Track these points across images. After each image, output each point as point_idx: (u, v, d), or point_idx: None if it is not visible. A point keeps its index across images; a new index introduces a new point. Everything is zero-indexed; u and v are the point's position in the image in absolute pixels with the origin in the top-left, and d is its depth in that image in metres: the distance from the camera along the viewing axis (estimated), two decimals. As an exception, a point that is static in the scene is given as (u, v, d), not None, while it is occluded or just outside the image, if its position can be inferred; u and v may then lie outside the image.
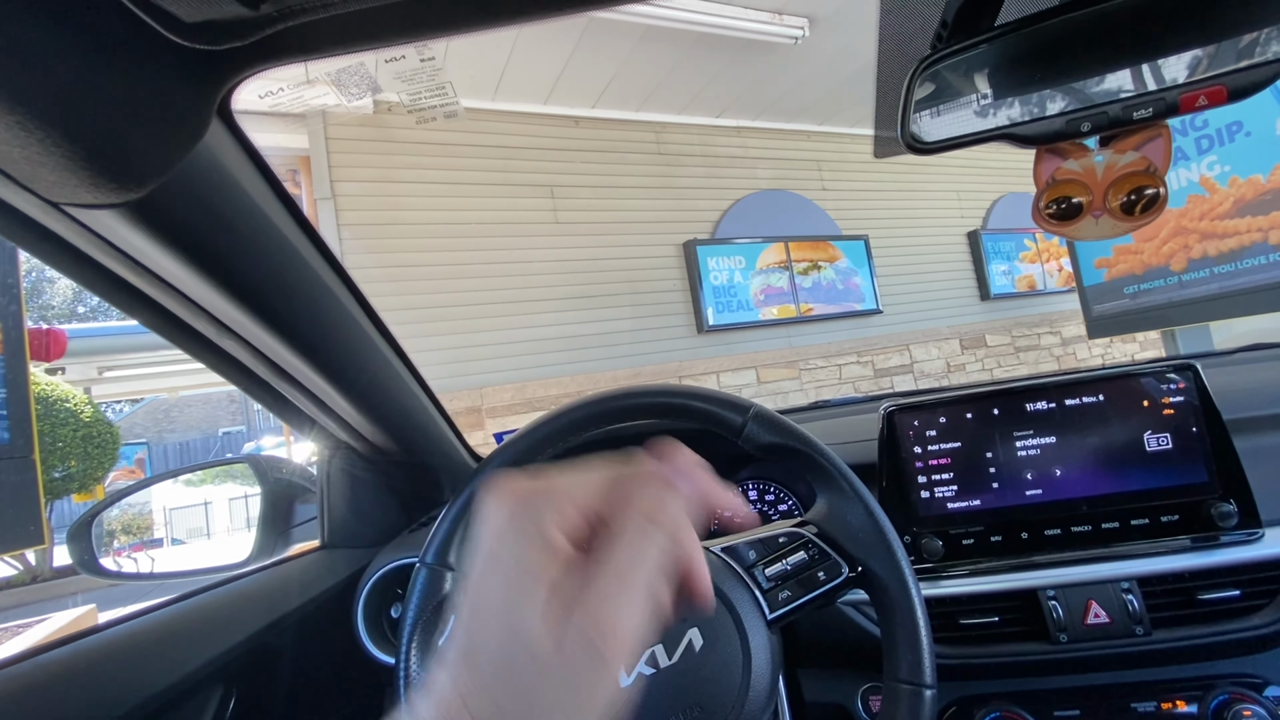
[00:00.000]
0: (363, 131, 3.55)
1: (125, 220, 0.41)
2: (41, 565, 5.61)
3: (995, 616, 0.72)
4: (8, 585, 5.55)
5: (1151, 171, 0.52)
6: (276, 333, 0.57)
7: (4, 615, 4.50)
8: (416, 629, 0.57)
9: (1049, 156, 0.55)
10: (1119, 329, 2.90)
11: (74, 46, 0.32)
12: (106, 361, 7.01)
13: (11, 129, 0.33)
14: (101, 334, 6.85)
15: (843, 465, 0.57)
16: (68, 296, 17.01)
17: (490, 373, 3.71)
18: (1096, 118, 0.50)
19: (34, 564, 5.59)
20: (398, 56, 1.67)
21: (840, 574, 0.54)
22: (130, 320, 0.54)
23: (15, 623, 3.42)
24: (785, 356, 4.61)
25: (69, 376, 6.48)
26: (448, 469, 0.96)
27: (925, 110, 0.54)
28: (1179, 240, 2.59)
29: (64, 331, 5.31)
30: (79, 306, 17.14)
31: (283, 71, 2.39)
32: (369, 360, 0.71)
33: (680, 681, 0.51)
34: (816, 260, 4.80)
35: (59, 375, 6.07)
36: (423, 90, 1.82)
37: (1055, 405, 0.74)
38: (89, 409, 5.63)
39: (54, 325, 5.30)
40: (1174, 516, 0.71)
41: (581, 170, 4.19)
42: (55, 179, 0.37)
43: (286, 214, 0.54)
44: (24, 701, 0.50)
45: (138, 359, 7.04)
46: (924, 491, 0.76)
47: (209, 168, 0.44)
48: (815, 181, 5.07)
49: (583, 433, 0.64)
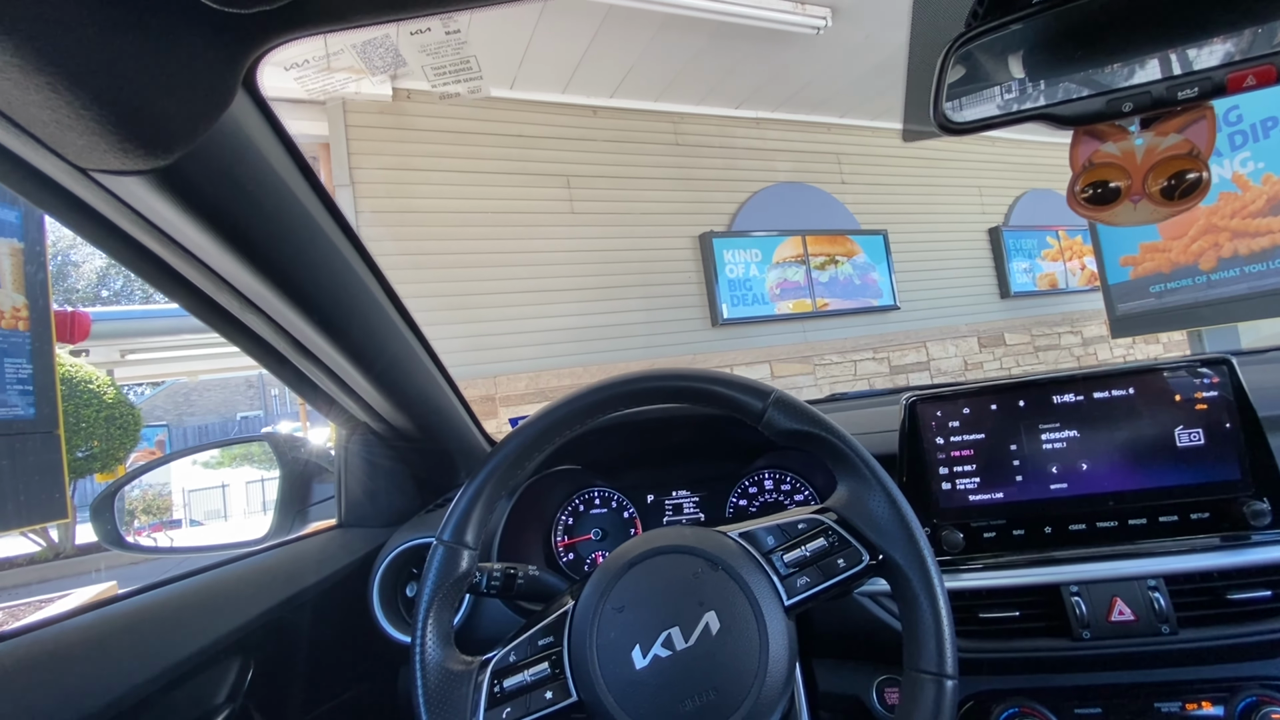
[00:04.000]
0: (381, 119, 3.56)
1: (152, 188, 0.40)
2: (64, 542, 5.73)
3: (1016, 611, 0.71)
4: (31, 561, 5.69)
5: (1195, 155, 0.50)
6: (298, 307, 0.57)
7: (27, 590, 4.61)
8: (432, 606, 0.57)
9: (1086, 139, 0.53)
10: (1144, 329, 2.84)
11: (105, 6, 0.32)
12: (128, 345, 7.12)
13: (41, 90, 0.33)
14: (124, 317, 6.97)
15: (865, 452, 0.56)
16: (91, 280, 17.31)
17: (505, 361, 3.72)
18: (1139, 98, 0.48)
19: (56, 540, 5.72)
20: (423, 29, 1.66)
21: (861, 561, 0.54)
22: (152, 305, 0.55)
23: (38, 598, 3.50)
24: (800, 351, 4.58)
25: (92, 359, 6.59)
26: (463, 452, 0.96)
27: (959, 90, 0.53)
28: (1209, 238, 2.53)
29: (88, 314, 5.40)
30: (102, 290, 17.44)
31: (307, 46, 2.40)
32: (389, 340, 0.71)
33: (696, 664, 0.51)
34: (834, 254, 4.75)
35: (83, 357, 6.18)
36: (447, 64, 1.81)
37: (1083, 398, 0.73)
38: (111, 391, 5.74)
39: (78, 308, 5.38)
40: (1204, 514, 0.69)
41: (598, 160, 4.17)
42: (84, 143, 0.36)
43: (310, 189, 0.53)
44: (51, 664, 0.50)
45: (159, 342, 7.14)
46: (945, 483, 0.75)
47: (235, 138, 0.44)
48: (834, 175, 5.01)
49: (601, 416, 0.63)
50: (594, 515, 1.00)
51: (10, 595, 4.26)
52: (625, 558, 0.56)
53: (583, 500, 1.01)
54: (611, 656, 0.52)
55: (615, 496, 1.00)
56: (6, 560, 5.74)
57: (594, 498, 1.01)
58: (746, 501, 0.96)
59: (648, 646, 0.52)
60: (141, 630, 0.58)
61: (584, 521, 1.00)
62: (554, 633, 0.55)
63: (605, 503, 1.01)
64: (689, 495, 0.99)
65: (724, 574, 0.54)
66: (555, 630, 0.55)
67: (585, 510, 1.01)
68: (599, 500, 1.01)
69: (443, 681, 0.54)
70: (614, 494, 1.00)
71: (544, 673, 0.53)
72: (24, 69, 0.32)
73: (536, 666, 0.54)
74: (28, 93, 0.33)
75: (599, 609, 0.54)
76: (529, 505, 0.96)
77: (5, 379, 2.89)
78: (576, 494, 1.01)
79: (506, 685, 0.53)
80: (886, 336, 4.94)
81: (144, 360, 8.22)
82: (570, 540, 1.00)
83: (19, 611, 3.39)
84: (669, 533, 0.58)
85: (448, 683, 0.54)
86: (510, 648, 0.56)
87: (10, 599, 3.87)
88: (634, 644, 0.52)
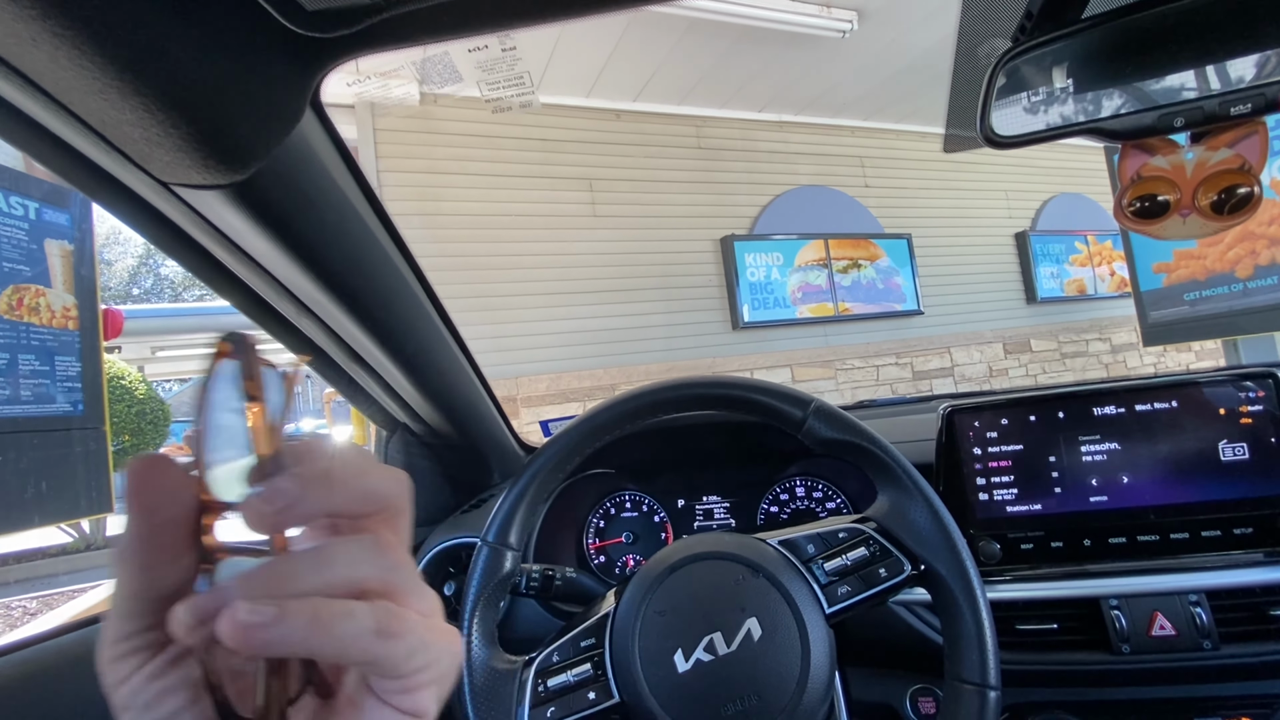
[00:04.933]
0: (409, 123, 3.62)
1: (227, 202, 0.42)
2: (95, 534, 5.87)
3: (1054, 623, 0.71)
4: (63, 551, 5.83)
5: (1245, 169, 0.50)
6: (352, 314, 0.58)
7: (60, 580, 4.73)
8: (478, 606, 0.58)
9: (1135, 152, 0.53)
10: (1177, 337, 2.79)
11: (197, 30, 0.34)
12: (159, 341, 7.30)
13: (136, 110, 0.35)
14: (155, 315, 7.14)
15: (907, 463, 0.57)
16: (123, 279, 17.74)
17: (526, 363, 3.76)
18: (1190, 113, 0.48)
19: (88, 532, 5.86)
20: (481, 46, 1.70)
21: (902, 571, 0.54)
22: (181, 303, 0.57)
23: (71, 588, 3.60)
24: (821, 356, 4.55)
25: (124, 355, 6.75)
26: (497, 454, 0.98)
27: (1006, 104, 0.53)
28: (1245, 245, 2.48)
29: (120, 311, 5.54)
30: (134, 289, 17.86)
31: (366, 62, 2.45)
32: (434, 345, 0.73)
33: (739, 669, 0.51)
34: (857, 258, 4.72)
35: (115, 354, 6.34)
36: (501, 80, 1.85)
37: (1124, 410, 0.72)
38: (143, 386, 5.88)
39: (110, 305, 5.53)
40: (1248, 529, 0.68)
41: (621, 164, 4.19)
42: (170, 160, 0.38)
43: (367, 202, 0.55)
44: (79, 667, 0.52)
45: (188, 339, 7.31)
46: (982, 494, 0.75)
47: (301, 152, 0.46)
48: (858, 178, 4.98)
49: (640, 422, 0.65)
50: (625, 519, 1.01)
51: (44, 585, 4.38)
52: (666, 562, 0.57)
53: (614, 504, 1.02)
54: (654, 659, 0.53)
55: (646, 501, 1.01)
56: (39, 550, 5.90)
57: (625, 501, 1.02)
58: (778, 508, 0.96)
59: (690, 650, 0.52)
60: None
61: (615, 525, 1.01)
62: (596, 634, 0.56)
63: (636, 507, 1.02)
64: (720, 501, 0.99)
65: (765, 581, 0.54)
66: (597, 632, 0.56)
67: (616, 514, 1.02)
68: (630, 504, 1.02)
69: (489, 680, 0.55)
70: (645, 498, 1.01)
71: (586, 674, 0.54)
72: (122, 90, 0.33)
73: (579, 667, 0.55)
74: (123, 112, 0.35)
75: (641, 612, 0.55)
76: (562, 508, 0.98)
77: (56, 377, 3.00)
78: (608, 497, 1.02)
79: (550, 685, 0.55)
80: (910, 341, 4.90)
81: (173, 356, 8.41)
82: (602, 543, 1.01)
83: (52, 600, 3.49)
84: (708, 539, 0.59)
85: (493, 681, 0.55)
86: (553, 648, 0.57)
87: (44, 588, 3.99)
88: (676, 647, 0.53)
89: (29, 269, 3.00)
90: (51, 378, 2.99)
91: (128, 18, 0.31)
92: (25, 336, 2.92)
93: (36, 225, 3.05)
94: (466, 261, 3.68)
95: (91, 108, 0.35)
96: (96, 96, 0.34)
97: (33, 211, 3.03)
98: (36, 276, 3.02)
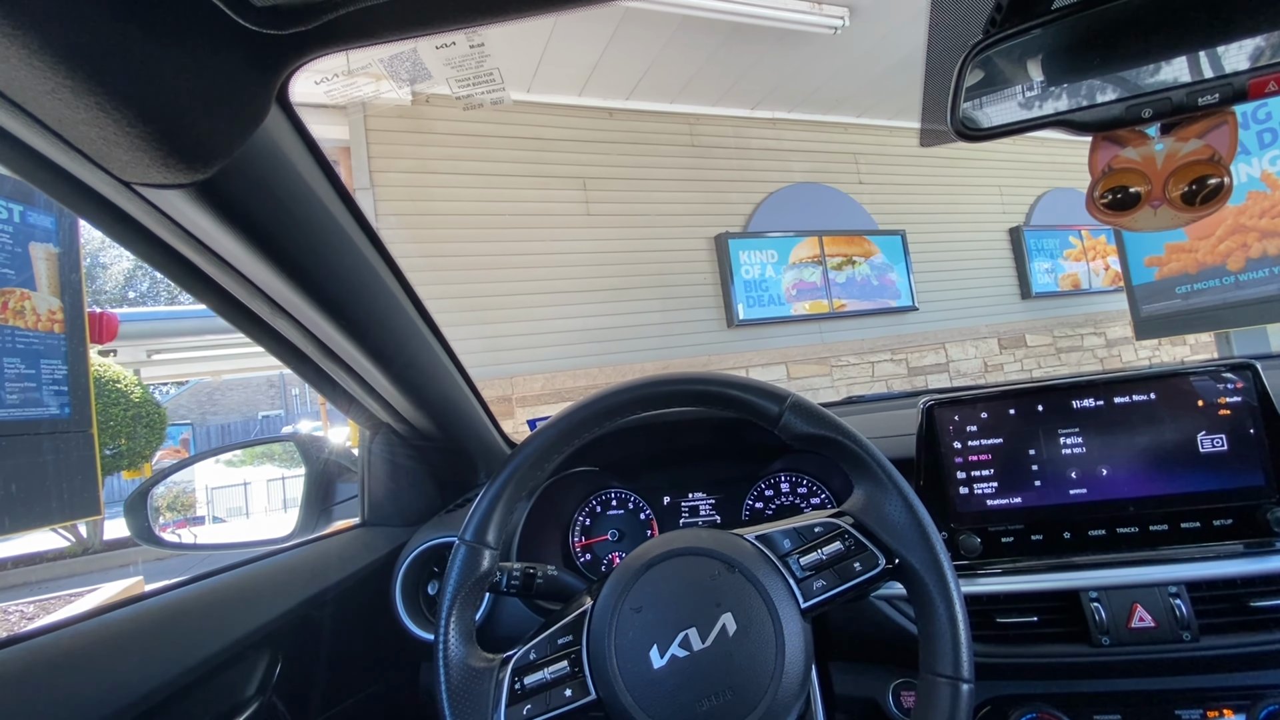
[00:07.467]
0: (401, 123, 3.61)
1: (191, 200, 0.42)
2: (92, 538, 5.87)
3: (1034, 616, 0.71)
4: (59, 556, 5.82)
5: (1216, 160, 0.50)
6: (326, 313, 0.58)
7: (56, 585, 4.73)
8: (455, 604, 0.58)
9: (1105, 144, 0.53)
10: (1169, 330, 2.79)
11: (149, 29, 0.34)
12: (155, 345, 7.28)
13: (90, 109, 0.35)
14: (150, 318, 7.12)
15: (881, 456, 0.57)
16: (119, 282, 17.69)
17: (521, 362, 3.75)
18: (1159, 104, 0.48)
19: (85, 536, 5.85)
20: (448, 43, 1.70)
21: (877, 565, 0.54)
22: (177, 306, 0.57)
23: (67, 592, 3.59)
24: (817, 352, 4.56)
25: (119, 359, 6.74)
26: (483, 453, 0.98)
27: (977, 96, 0.53)
28: (1237, 238, 2.49)
29: (115, 315, 5.53)
30: (129, 292, 17.82)
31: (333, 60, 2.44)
32: (412, 343, 0.72)
33: (714, 665, 0.51)
34: (851, 255, 4.73)
35: (110, 357, 6.32)
36: (470, 77, 1.84)
37: (1103, 403, 0.72)
38: (138, 390, 5.87)
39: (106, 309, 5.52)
40: (1227, 520, 0.68)
41: (614, 162, 4.19)
42: (129, 159, 0.38)
43: (339, 199, 0.55)
44: (90, 658, 0.52)
45: (184, 343, 7.30)
46: (962, 488, 0.75)
47: (268, 150, 0.46)
48: (852, 175, 4.98)
49: (621, 419, 0.64)
50: (611, 516, 1.01)
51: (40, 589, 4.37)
52: (643, 559, 0.57)
53: (600, 501, 1.02)
54: (630, 656, 0.53)
55: (632, 498, 1.01)
56: (36, 555, 5.89)
57: (611, 499, 1.02)
58: (763, 504, 0.96)
59: (665, 646, 0.52)
60: (176, 625, 0.60)
61: (601, 522, 1.01)
62: (573, 632, 0.56)
63: (622, 504, 1.02)
64: (705, 497, 0.99)
65: (740, 576, 0.54)
66: (574, 629, 0.56)
67: (602, 511, 1.02)
68: (616, 502, 1.02)
69: (465, 678, 0.55)
70: (631, 495, 1.01)
71: (563, 671, 0.54)
72: (75, 89, 0.33)
73: (556, 665, 0.55)
74: (77, 111, 0.35)
75: (617, 609, 0.55)
76: (547, 506, 0.98)
77: (41, 380, 2.99)
78: (593, 495, 1.02)
79: (527, 682, 0.54)
80: (905, 337, 4.90)
81: (169, 360, 8.40)
82: (587, 541, 1.01)
83: (49, 605, 3.48)
84: (686, 535, 0.59)
85: (470, 679, 0.55)
86: (530, 646, 0.57)
87: (40, 593, 3.98)
88: (652, 644, 0.53)
89: (14, 273, 2.99)
90: (38, 381, 2.99)
91: (77, 18, 0.31)
92: (10, 340, 2.92)
93: (21, 229, 3.04)
94: (461, 261, 3.67)
95: (46, 107, 0.35)
96: (49, 96, 0.33)
97: (17, 215, 3.02)
98: (22, 280, 3.01)
